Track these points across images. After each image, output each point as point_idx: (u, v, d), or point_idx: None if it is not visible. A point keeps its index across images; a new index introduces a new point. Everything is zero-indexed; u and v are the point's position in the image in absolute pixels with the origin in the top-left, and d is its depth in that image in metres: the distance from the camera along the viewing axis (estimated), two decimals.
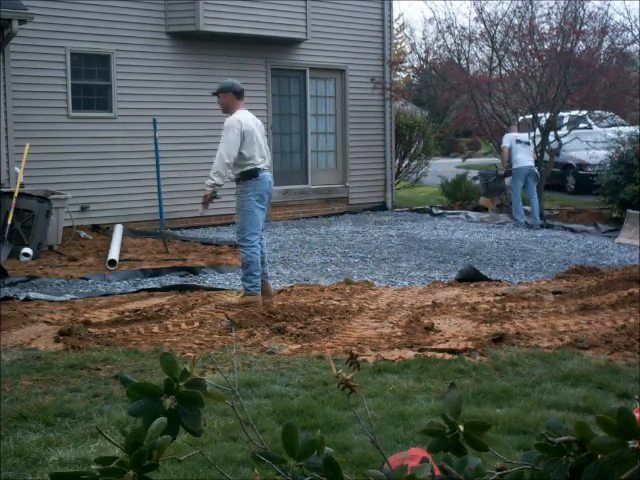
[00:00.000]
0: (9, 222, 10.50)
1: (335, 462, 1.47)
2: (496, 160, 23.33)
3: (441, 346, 6.49)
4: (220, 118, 14.44)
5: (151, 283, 9.43)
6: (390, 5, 17.26)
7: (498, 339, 6.58)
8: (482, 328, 7.03)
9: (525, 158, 15.03)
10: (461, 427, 1.50)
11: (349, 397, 1.67)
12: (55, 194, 11.40)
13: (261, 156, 7.72)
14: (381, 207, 17.04)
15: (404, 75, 29.56)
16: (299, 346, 6.56)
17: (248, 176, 7.65)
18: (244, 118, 7.71)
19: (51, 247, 11.09)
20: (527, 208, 15.21)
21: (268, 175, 7.83)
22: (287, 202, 15.69)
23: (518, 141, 15.16)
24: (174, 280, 9.55)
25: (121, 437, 1.48)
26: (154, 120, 11.58)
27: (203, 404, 1.50)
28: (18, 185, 10.77)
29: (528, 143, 15.40)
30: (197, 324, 7.22)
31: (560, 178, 20.00)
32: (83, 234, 12.06)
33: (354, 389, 1.67)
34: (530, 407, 5.03)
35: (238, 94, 7.79)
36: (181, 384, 1.50)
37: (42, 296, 8.44)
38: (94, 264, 10.42)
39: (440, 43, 18.79)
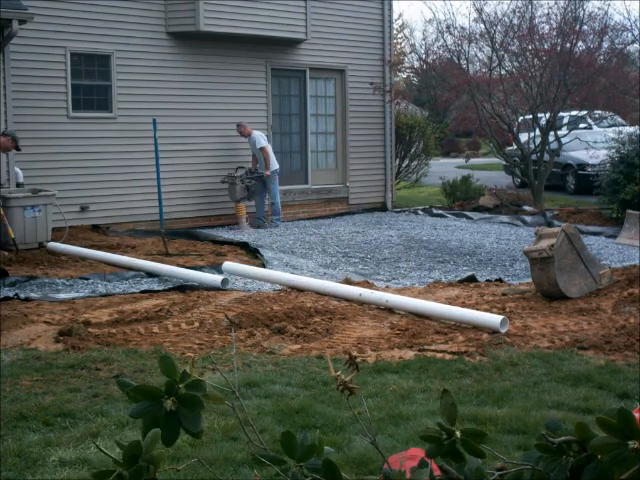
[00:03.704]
0: None
1: (334, 464, 1.47)
2: (496, 160, 23.33)
3: (441, 346, 6.50)
4: (220, 118, 14.52)
5: (151, 283, 9.43)
6: (390, 5, 17.25)
7: (498, 339, 6.58)
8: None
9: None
10: (458, 433, 1.49)
11: (348, 398, 1.67)
12: (42, 191, 11.42)
13: None
14: (381, 207, 17.04)
15: (404, 75, 29.56)
16: (299, 346, 6.56)
17: None
18: None
19: (41, 244, 11.11)
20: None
21: None
22: (287, 202, 15.69)
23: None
24: (174, 280, 9.54)
25: (121, 436, 1.48)
26: (154, 120, 11.58)
27: (203, 406, 1.51)
28: None
29: None
30: (197, 324, 7.22)
31: (560, 178, 20.01)
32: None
33: (353, 391, 1.67)
34: (530, 407, 5.03)
35: None
36: (181, 386, 1.51)
37: (41, 296, 8.44)
38: (94, 264, 10.41)
39: (440, 43, 18.80)
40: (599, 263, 8.91)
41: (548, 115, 16.72)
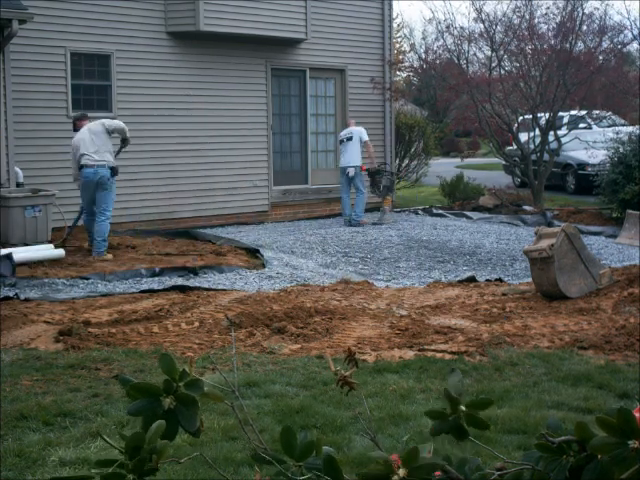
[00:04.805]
0: None
1: (336, 462, 1.47)
2: (496, 160, 23.33)
3: (441, 346, 6.50)
4: (220, 118, 14.51)
5: (151, 283, 9.43)
6: (390, 5, 17.25)
7: (498, 339, 6.58)
8: (482, 328, 7.04)
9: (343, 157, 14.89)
10: (462, 407, 1.50)
11: (347, 395, 1.67)
12: (42, 191, 11.42)
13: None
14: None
15: (404, 75, 29.55)
16: (299, 346, 6.56)
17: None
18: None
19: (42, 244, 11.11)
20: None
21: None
22: (287, 202, 15.69)
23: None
24: (174, 280, 9.55)
25: (121, 438, 1.48)
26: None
27: (198, 405, 1.51)
28: None
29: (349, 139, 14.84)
30: (197, 324, 7.21)
31: (560, 178, 20.00)
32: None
33: (352, 386, 1.67)
34: (530, 407, 5.03)
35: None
36: (180, 384, 1.51)
37: (41, 296, 8.44)
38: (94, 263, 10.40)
39: (440, 43, 18.78)
40: (599, 263, 8.91)
41: (548, 115, 16.72)
